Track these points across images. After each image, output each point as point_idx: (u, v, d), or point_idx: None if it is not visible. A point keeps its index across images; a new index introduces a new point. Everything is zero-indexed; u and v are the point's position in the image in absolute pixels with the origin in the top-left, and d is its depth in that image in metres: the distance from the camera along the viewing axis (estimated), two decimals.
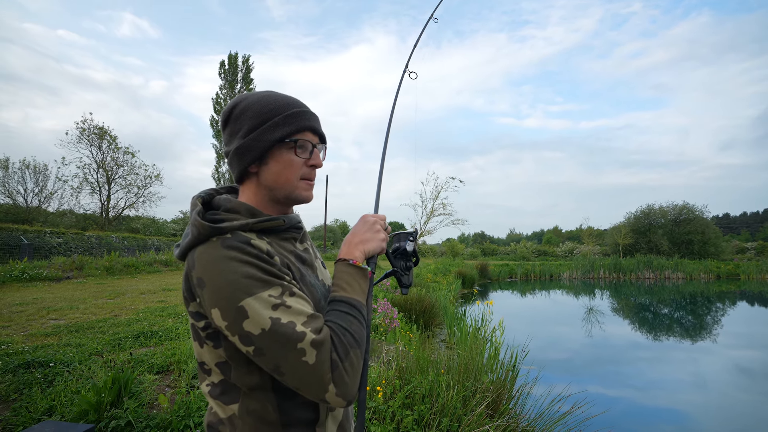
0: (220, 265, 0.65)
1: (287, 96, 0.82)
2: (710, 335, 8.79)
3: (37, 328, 5.15)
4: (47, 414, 2.56)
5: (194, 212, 0.74)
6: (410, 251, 0.92)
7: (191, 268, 0.69)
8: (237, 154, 0.78)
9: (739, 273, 24.71)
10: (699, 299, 15.13)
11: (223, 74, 30.93)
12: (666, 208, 34.97)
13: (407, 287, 0.93)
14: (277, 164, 0.78)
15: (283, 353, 0.63)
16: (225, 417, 0.72)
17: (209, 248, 0.68)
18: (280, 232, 0.80)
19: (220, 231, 0.70)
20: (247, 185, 0.82)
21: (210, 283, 0.65)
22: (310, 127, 0.80)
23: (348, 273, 0.77)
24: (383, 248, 0.84)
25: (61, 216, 26.42)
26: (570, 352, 7.16)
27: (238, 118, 0.78)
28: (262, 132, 0.76)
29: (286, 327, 0.63)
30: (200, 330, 0.72)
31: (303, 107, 0.81)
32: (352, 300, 0.73)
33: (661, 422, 4.22)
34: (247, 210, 0.77)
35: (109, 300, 7.74)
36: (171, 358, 3.62)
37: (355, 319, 0.71)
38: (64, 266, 12.50)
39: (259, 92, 0.81)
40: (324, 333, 0.66)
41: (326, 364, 0.64)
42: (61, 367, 3.37)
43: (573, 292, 17.73)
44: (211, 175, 30.74)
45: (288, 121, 0.77)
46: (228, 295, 0.64)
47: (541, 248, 46.78)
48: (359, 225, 0.84)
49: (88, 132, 24.97)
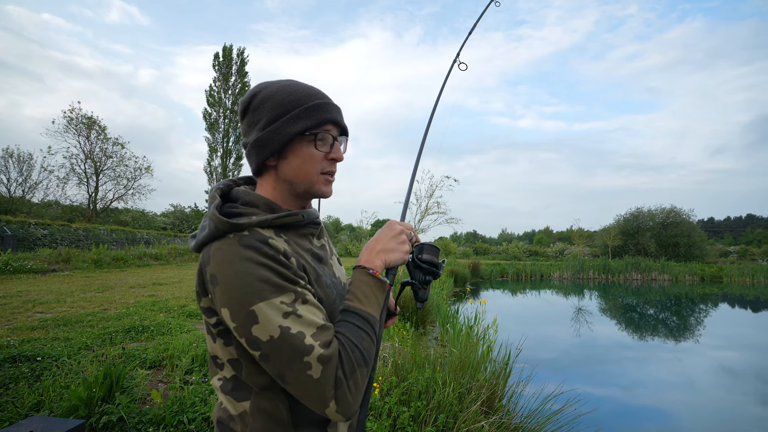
0: (235, 265, 0.64)
1: (309, 86, 0.79)
2: (694, 336, 8.99)
3: (23, 321, 5.04)
4: (35, 409, 2.51)
5: (213, 206, 0.72)
6: (432, 264, 0.87)
7: (206, 263, 0.67)
8: (255, 147, 0.76)
9: (722, 276, 25.30)
10: (683, 301, 15.47)
11: (218, 66, 30.52)
12: (654, 211, 35.64)
13: (422, 302, 0.89)
14: (297, 158, 0.76)
15: (288, 364, 0.62)
16: (236, 414, 0.71)
17: (225, 245, 0.66)
18: (298, 228, 0.78)
19: (238, 227, 0.68)
20: (266, 178, 0.79)
21: (223, 281, 0.64)
22: (331, 120, 0.77)
23: (366, 283, 0.74)
24: (405, 261, 0.79)
25: (47, 207, 25.82)
26: (559, 352, 7.26)
27: (257, 108, 0.76)
28: (282, 124, 0.74)
29: (295, 338, 0.62)
30: (212, 327, 0.71)
31: (325, 98, 0.78)
32: (366, 314, 0.71)
33: (646, 421, 4.30)
34: (266, 204, 0.75)
35: (97, 293, 7.61)
36: (164, 353, 3.58)
37: (367, 336, 0.69)
38: (50, 258, 12.24)
39: (280, 81, 0.79)
40: (332, 348, 0.64)
41: (330, 381, 0.62)
42: (49, 362, 3.30)
43: (563, 292, 17.97)
44: (203, 168, 30.38)
45: (309, 114, 0.75)
46: (240, 297, 0.63)
47: (533, 248, 47.33)
48: (384, 231, 0.81)
49: (76, 121, 24.40)
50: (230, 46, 30.78)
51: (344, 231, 48.03)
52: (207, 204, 0.78)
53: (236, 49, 30.97)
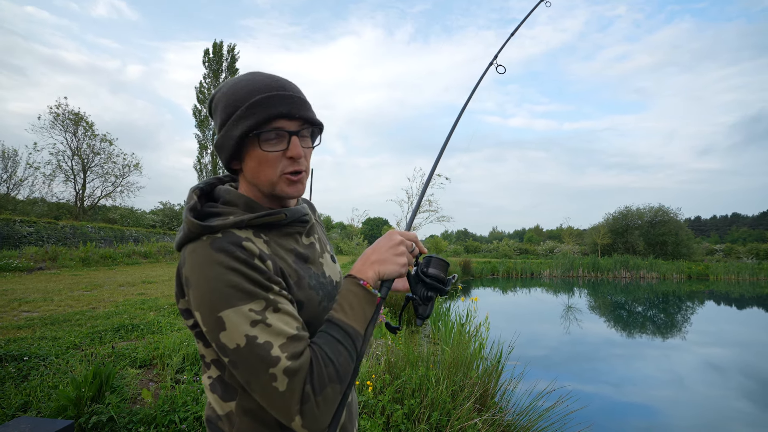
0: (205, 270, 0.62)
1: (258, 80, 0.71)
2: (681, 333, 9.17)
3: (9, 320, 4.94)
4: (22, 410, 2.46)
5: (187, 207, 0.71)
6: (437, 280, 0.81)
7: (182, 264, 0.67)
8: (217, 151, 0.74)
9: (708, 274, 25.83)
10: (671, 298, 15.77)
11: (208, 63, 30.12)
12: (643, 210, 36.21)
13: (422, 319, 0.82)
14: (252, 161, 0.71)
15: (254, 374, 0.60)
16: (223, 414, 0.71)
17: (198, 247, 0.65)
18: (282, 227, 0.75)
19: (210, 230, 0.66)
20: (240, 179, 0.78)
21: (195, 285, 0.63)
22: (278, 114, 0.68)
23: (354, 294, 0.70)
24: (401, 274, 0.74)
25: (32, 204, 25.25)
26: (549, 349, 7.35)
27: (215, 110, 0.74)
28: (229, 128, 0.70)
29: (261, 348, 0.60)
30: (190, 328, 0.71)
31: (270, 91, 0.69)
32: (349, 327, 0.67)
33: (634, 417, 4.38)
34: (246, 203, 0.73)
35: (85, 292, 7.48)
36: (154, 352, 3.54)
37: (345, 351, 0.65)
38: (36, 256, 12.00)
39: (235, 78, 0.73)
40: (301, 360, 0.61)
41: (296, 395, 0.59)
42: (37, 361, 3.25)
43: (553, 290, 18.18)
44: (193, 165, 29.99)
45: (250, 113, 0.68)
46: (209, 303, 0.61)
47: (523, 246, 47.73)
48: (382, 241, 0.76)
49: (63, 117, 23.89)
50: (220, 42, 30.41)
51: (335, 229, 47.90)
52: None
53: (226, 45, 30.62)
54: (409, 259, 0.76)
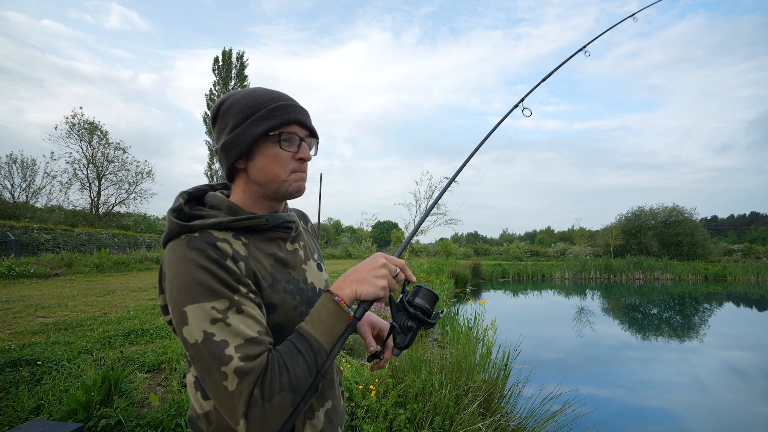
0: (178, 265, 0.66)
1: (273, 91, 0.80)
2: (698, 335, 8.93)
3: (25, 326, 5.06)
4: (34, 413, 2.52)
5: (170, 208, 0.75)
6: (421, 310, 0.79)
7: (163, 260, 0.71)
8: (224, 150, 0.78)
9: (725, 274, 25.14)
10: (687, 300, 15.38)
11: (217, 70, 30.65)
12: (656, 210, 35.48)
13: (400, 349, 0.79)
14: (264, 158, 0.77)
15: (207, 370, 0.61)
16: (202, 412, 0.73)
17: (176, 245, 0.69)
18: (264, 231, 0.78)
19: (188, 229, 0.70)
20: (237, 182, 0.81)
21: (168, 280, 0.67)
22: (295, 120, 0.78)
23: (326, 309, 0.70)
24: (378, 296, 0.73)
25: (50, 212, 26.00)
26: (561, 353, 7.23)
27: (225, 114, 0.78)
28: (247, 126, 0.75)
29: (216, 345, 0.61)
30: (168, 324, 0.74)
31: (289, 101, 0.80)
32: (313, 340, 0.67)
33: (651, 422, 4.27)
34: (229, 207, 0.76)
35: (98, 297, 7.64)
36: (162, 356, 3.58)
37: (305, 362, 0.65)
38: (53, 263, 12.30)
39: (246, 89, 0.81)
40: (255, 363, 0.61)
41: (244, 397, 0.59)
42: (49, 366, 3.32)
43: (564, 293, 17.90)
44: (204, 172, 30.46)
45: (272, 114, 0.76)
46: (176, 297, 0.64)
47: (534, 249, 47.20)
48: (366, 262, 0.77)
49: (78, 127, 24.61)
50: (230, 50, 30.93)
51: (345, 233, 48.00)
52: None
53: (236, 52, 31.12)
54: (390, 283, 0.75)
